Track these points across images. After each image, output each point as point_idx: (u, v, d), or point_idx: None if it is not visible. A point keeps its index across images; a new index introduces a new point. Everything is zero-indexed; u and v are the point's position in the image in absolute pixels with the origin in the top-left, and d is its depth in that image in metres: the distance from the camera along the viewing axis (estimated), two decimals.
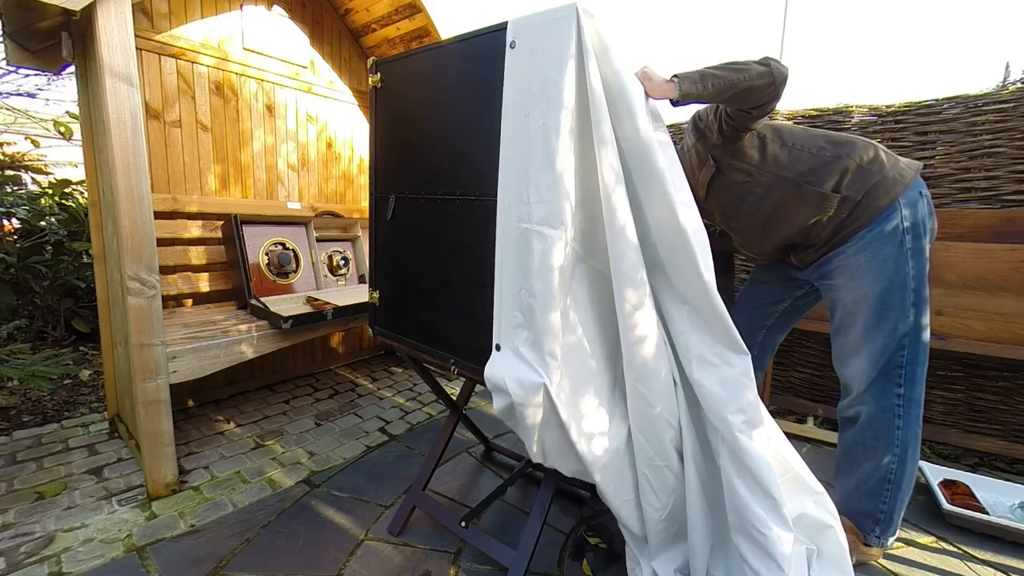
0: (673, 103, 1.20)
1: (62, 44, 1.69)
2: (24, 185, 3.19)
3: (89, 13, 1.44)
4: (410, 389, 2.77)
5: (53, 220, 3.07)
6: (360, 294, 2.40)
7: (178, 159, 2.23)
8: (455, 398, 1.68)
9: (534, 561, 1.31)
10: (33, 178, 3.16)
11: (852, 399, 1.39)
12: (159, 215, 2.04)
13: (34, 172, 3.10)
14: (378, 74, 1.43)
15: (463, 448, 2.07)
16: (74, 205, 3.09)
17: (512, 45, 1.06)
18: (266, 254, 2.39)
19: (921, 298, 1.29)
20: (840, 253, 1.37)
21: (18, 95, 3.84)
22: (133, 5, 1.49)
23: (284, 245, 2.47)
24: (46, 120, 3.78)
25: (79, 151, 1.98)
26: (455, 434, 1.68)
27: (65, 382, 2.55)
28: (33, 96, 3.94)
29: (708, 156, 1.46)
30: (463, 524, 1.41)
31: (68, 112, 3.27)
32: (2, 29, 1.69)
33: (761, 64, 1.20)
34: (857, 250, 1.33)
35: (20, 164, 2.99)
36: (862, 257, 1.33)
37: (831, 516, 1.20)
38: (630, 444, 1.18)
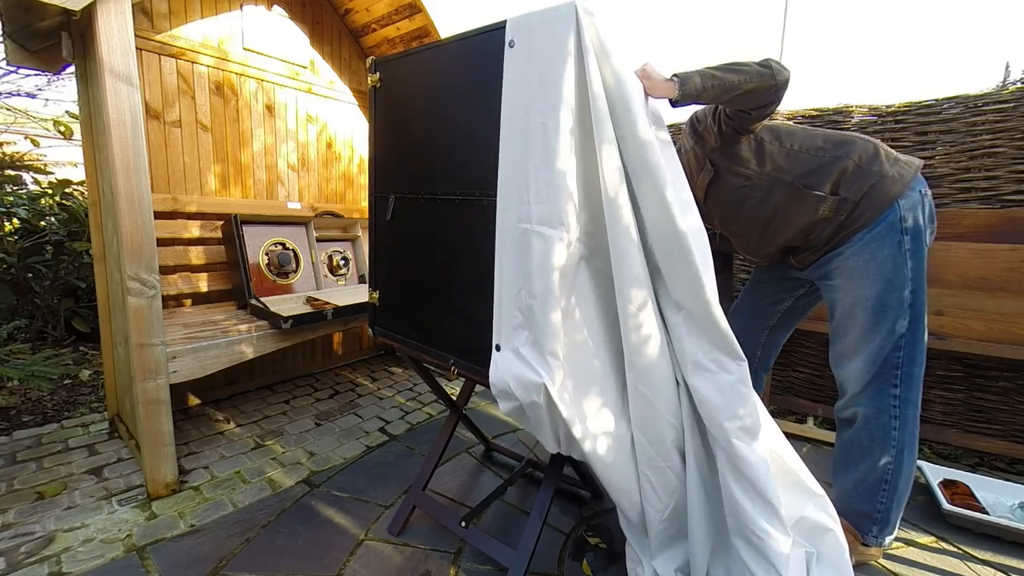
0: (673, 103, 1.19)
1: (62, 44, 1.69)
2: (24, 185, 3.19)
3: (89, 13, 1.44)
4: (410, 389, 2.77)
5: (53, 220, 3.07)
6: (360, 294, 2.41)
7: (178, 159, 2.23)
8: (455, 398, 1.68)
9: (534, 561, 1.31)
10: (33, 178, 3.16)
11: (848, 400, 1.39)
12: (159, 215, 2.04)
13: (34, 172, 3.10)
14: (377, 73, 1.43)
15: (463, 448, 2.07)
16: (74, 205, 3.08)
17: (511, 44, 1.05)
18: (266, 254, 2.39)
19: (919, 299, 1.29)
20: (839, 254, 1.37)
21: (18, 95, 3.85)
22: (133, 5, 1.49)
23: (284, 245, 2.47)
24: (46, 120, 3.78)
25: (79, 151, 1.98)
26: (455, 434, 1.68)
27: (65, 382, 2.55)
28: (33, 96, 3.95)
29: (706, 160, 1.45)
30: (463, 524, 1.41)
31: (68, 112, 3.27)
32: (2, 29, 1.69)
33: (763, 66, 1.19)
34: (856, 251, 1.33)
35: (20, 164, 2.98)
36: (861, 258, 1.32)
37: (831, 519, 1.19)
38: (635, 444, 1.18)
